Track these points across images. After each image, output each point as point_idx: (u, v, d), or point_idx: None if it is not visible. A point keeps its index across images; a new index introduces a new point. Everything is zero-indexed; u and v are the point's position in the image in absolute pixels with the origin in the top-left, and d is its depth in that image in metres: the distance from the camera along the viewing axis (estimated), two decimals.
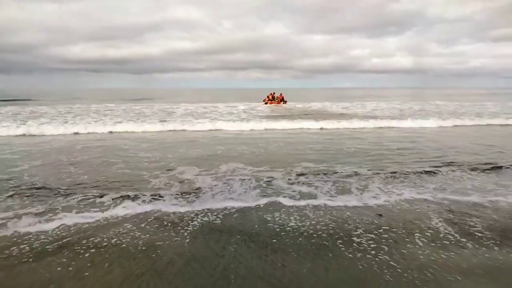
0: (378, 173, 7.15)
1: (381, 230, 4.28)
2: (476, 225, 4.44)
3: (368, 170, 7.49)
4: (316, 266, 3.42)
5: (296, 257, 3.57)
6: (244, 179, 6.70)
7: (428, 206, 5.18)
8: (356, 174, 7.14)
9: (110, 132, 14.06)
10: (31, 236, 4.06)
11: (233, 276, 3.21)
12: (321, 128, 15.51)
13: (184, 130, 14.72)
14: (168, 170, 7.49)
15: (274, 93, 32.95)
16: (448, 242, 3.95)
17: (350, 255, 3.64)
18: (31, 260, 3.54)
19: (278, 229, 4.30)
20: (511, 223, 4.53)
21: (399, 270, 3.33)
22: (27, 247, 3.79)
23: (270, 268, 3.36)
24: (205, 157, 8.97)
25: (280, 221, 4.56)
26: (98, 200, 5.41)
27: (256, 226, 4.40)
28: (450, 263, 3.47)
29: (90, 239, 3.95)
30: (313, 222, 4.53)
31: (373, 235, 4.13)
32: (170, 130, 14.58)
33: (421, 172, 7.25)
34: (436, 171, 7.34)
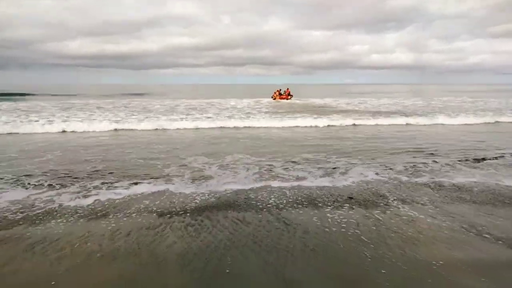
0: (363, 162, 7.97)
1: (346, 207, 5.07)
2: (423, 200, 5.39)
3: (359, 160, 8.26)
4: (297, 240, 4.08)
5: (285, 237, 4.07)
6: (246, 167, 7.48)
7: (384, 185, 6.10)
8: (348, 164, 7.93)
9: (116, 129, 14.08)
10: (71, 208, 4.96)
11: (228, 252, 3.69)
12: (328, 125, 15.61)
13: (186, 128, 14.80)
14: (178, 160, 8.25)
15: (280, 89, 34.74)
16: (399, 217, 4.73)
17: (327, 230, 4.29)
18: (78, 225, 4.38)
19: (265, 207, 5.04)
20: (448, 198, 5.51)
21: (372, 246, 3.87)
22: (72, 216, 4.67)
23: (259, 248, 3.82)
24: (212, 149, 9.70)
25: (268, 200, 5.32)
26: (120, 183, 6.23)
27: (248, 204, 5.16)
28: (407, 232, 4.23)
29: (116, 213, 4.78)
30: (293, 199, 5.34)
31: (342, 211, 4.89)
32: (177, 129, 14.68)
33: (398, 162, 8.04)
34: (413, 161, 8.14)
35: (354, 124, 16.05)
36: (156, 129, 14.32)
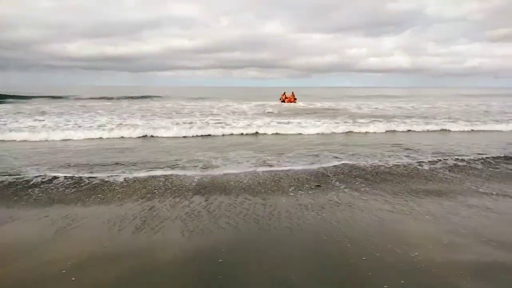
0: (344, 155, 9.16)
1: (308, 185, 6.31)
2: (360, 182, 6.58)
3: (345, 155, 9.35)
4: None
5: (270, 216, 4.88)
6: (245, 160, 8.75)
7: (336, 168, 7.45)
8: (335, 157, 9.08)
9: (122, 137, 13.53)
10: (108, 183, 6.48)
11: (220, 218, 4.76)
12: (333, 133, 14.89)
13: (193, 136, 14.05)
14: (188, 155, 9.35)
15: (285, 92, 36.97)
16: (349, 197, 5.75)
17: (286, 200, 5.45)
18: (114, 196, 5.75)
19: (252, 186, 6.25)
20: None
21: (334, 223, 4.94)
22: (110, 189, 6.13)
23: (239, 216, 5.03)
24: (219, 148, 10.67)
25: (255, 182, 6.52)
26: (140, 170, 7.61)
27: (236, 183, 6.42)
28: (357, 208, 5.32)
29: (141, 189, 6.13)
30: (276, 181, 6.60)
31: (303, 190, 6.01)
32: (184, 136, 14.11)
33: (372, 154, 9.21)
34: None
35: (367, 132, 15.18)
36: (165, 136, 13.75)
